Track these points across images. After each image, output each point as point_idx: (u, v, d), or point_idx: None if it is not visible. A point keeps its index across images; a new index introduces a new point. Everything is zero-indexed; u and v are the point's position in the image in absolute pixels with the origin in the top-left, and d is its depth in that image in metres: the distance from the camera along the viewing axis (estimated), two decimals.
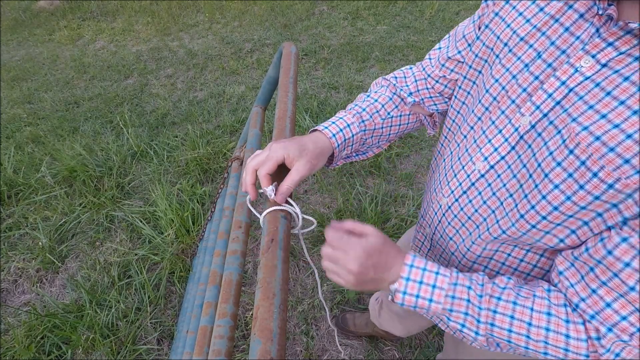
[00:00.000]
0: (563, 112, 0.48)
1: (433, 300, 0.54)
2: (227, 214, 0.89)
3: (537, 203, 0.51)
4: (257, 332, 0.40)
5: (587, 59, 0.46)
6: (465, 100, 0.67)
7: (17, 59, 4.39)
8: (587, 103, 0.46)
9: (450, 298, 0.53)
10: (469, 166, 0.61)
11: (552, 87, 0.49)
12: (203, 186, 2.19)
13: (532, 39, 0.52)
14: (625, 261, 0.44)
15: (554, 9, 0.51)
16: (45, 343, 1.50)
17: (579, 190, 0.46)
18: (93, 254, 1.87)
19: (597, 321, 0.48)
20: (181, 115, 2.92)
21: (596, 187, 0.45)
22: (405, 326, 1.20)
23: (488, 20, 0.60)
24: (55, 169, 2.31)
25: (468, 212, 0.63)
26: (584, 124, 0.45)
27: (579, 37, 0.48)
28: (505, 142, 0.55)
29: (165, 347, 1.52)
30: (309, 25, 4.25)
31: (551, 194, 0.49)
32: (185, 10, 5.07)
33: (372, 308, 1.36)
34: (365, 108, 0.71)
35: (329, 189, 2.13)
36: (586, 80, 0.46)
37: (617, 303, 0.46)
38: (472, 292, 0.53)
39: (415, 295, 0.54)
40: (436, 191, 0.70)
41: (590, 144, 0.44)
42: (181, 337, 1.10)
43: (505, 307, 0.52)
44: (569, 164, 0.47)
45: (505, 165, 0.56)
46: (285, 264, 0.49)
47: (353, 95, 2.94)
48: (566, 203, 0.48)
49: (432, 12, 4.32)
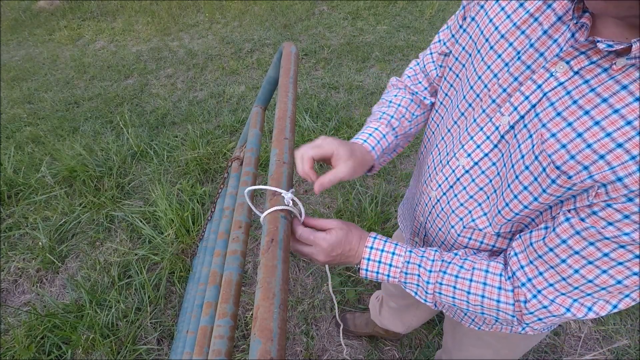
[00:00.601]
0: (535, 117, 0.50)
1: (390, 276, 0.64)
2: (227, 214, 0.89)
3: (510, 201, 0.56)
4: (257, 332, 0.40)
5: (562, 65, 0.47)
6: (448, 93, 0.68)
7: (17, 59, 4.39)
8: (556, 110, 0.48)
9: (404, 274, 0.63)
10: (453, 162, 0.64)
11: (529, 89, 0.51)
12: (203, 186, 2.19)
13: (512, 37, 0.53)
14: (562, 238, 0.49)
15: (533, 6, 0.51)
16: (45, 343, 1.50)
17: (542, 193, 0.51)
18: (93, 254, 1.87)
19: (526, 288, 0.55)
20: (181, 115, 2.92)
21: (556, 190, 0.49)
22: (404, 321, 1.21)
23: (474, 12, 0.60)
24: (55, 169, 2.31)
25: (453, 206, 0.66)
26: (552, 130, 0.48)
27: (556, 40, 0.49)
28: (487, 139, 0.58)
29: (165, 347, 1.52)
30: (309, 25, 4.25)
31: (521, 194, 0.54)
32: (185, 10, 5.07)
33: (372, 306, 1.36)
34: (393, 115, 0.75)
35: (329, 188, 2.13)
36: (559, 87, 0.48)
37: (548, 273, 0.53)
38: (422, 268, 0.62)
39: (375, 272, 0.64)
40: (426, 183, 0.73)
41: (556, 151, 0.47)
42: (181, 337, 1.10)
43: (449, 280, 0.60)
44: (534, 169, 0.50)
45: (489, 162, 0.59)
46: (285, 264, 0.49)
47: (353, 95, 2.94)
48: (534, 203, 0.53)
49: (432, 12, 4.32)
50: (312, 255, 0.63)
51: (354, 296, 1.63)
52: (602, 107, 0.44)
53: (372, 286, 1.66)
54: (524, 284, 0.55)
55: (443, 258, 0.62)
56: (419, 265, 0.62)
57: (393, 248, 0.64)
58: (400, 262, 0.63)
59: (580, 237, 0.48)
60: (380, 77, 3.17)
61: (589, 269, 0.48)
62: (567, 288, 0.52)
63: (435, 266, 0.61)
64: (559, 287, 0.52)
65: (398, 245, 0.64)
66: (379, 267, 0.64)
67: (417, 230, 0.82)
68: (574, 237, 0.48)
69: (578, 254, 0.48)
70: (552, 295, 0.53)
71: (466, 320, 0.80)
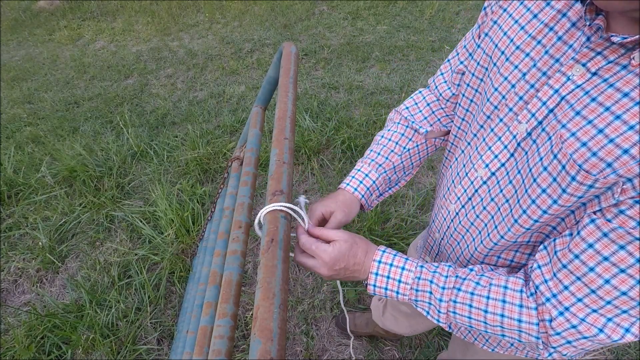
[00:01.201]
0: (554, 120, 0.49)
1: (399, 292, 0.61)
2: (227, 214, 0.89)
3: (527, 207, 0.53)
4: (257, 332, 0.40)
5: (578, 68, 0.47)
6: (469, 108, 0.68)
7: (17, 59, 4.39)
8: (575, 109, 0.47)
9: (415, 291, 0.60)
10: (471, 173, 0.63)
11: (546, 95, 0.51)
12: (203, 186, 2.19)
13: (528, 47, 0.53)
14: (589, 242, 0.46)
15: (548, 16, 0.51)
16: (45, 343, 1.50)
17: (562, 194, 0.48)
18: (93, 254, 1.87)
19: (551, 304, 0.50)
20: (181, 115, 2.92)
21: (577, 189, 0.46)
22: (411, 325, 1.20)
23: (487, 28, 0.61)
24: (55, 169, 2.31)
25: (471, 219, 0.64)
26: (572, 130, 0.46)
27: (572, 46, 0.49)
28: (505, 149, 0.57)
29: (165, 347, 1.52)
30: (309, 25, 4.25)
31: (539, 198, 0.51)
32: (185, 10, 5.07)
33: (374, 307, 1.36)
34: (379, 152, 0.76)
35: (329, 189, 2.13)
36: (577, 89, 0.47)
37: (575, 285, 0.48)
38: (434, 285, 0.58)
39: (384, 287, 0.61)
40: (445, 197, 0.72)
41: (576, 149, 0.45)
42: (181, 337, 1.09)
43: (464, 297, 0.56)
44: (553, 169, 0.48)
45: (504, 172, 0.58)
46: (285, 264, 0.49)
47: (353, 95, 2.94)
48: (553, 206, 0.49)
49: (432, 12, 4.32)
50: (314, 269, 0.61)
51: (354, 296, 1.63)
52: (624, 102, 0.42)
53: None
54: (549, 299, 0.50)
55: (457, 274, 0.59)
56: (431, 282, 0.59)
57: (403, 263, 0.61)
58: (410, 278, 0.60)
59: (609, 240, 0.44)
60: (380, 77, 3.17)
61: (621, 278, 0.44)
62: (598, 303, 0.47)
63: (449, 282, 0.58)
64: (588, 301, 0.47)
65: (408, 260, 0.61)
66: (387, 283, 0.61)
67: (429, 247, 0.81)
68: (602, 240, 0.44)
69: (607, 260, 0.44)
70: (582, 313, 0.48)
71: (480, 340, 0.76)
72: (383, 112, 2.64)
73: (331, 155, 2.35)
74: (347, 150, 2.33)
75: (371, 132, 2.45)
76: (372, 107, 2.75)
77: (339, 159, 2.30)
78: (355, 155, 2.31)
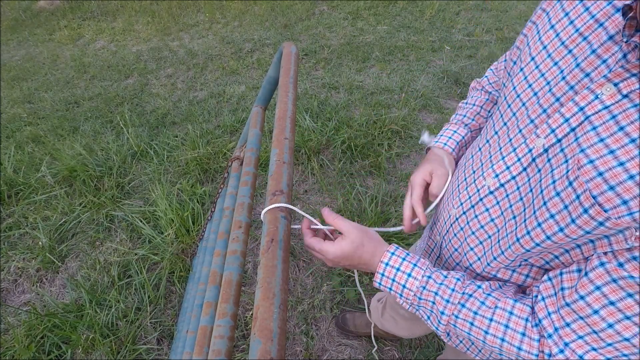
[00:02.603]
0: (574, 141, 0.46)
1: (402, 296, 0.61)
2: (227, 214, 0.89)
3: (532, 229, 0.51)
4: (257, 332, 0.40)
5: (609, 87, 0.43)
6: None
7: (17, 58, 4.39)
8: (599, 135, 0.43)
9: (417, 298, 0.60)
10: (479, 181, 0.61)
11: (570, 111, 0.47)
12: (203, 186, 2.19)
13: (558, 56, 0.50)
14: (596, 284, 0.44)
15: (584, 24, 0.48)
16: (45, 343, 1.50)
17: (570, 224, 0.46)
18: (93, 254, 1.87)
19: (552, 340, 0.49)
20: (181, 115, 2.92)
21: (586, 223, 0.44)
22: (410, 328, 1.20)
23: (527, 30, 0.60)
24: (55, 169, 2.31)
25: (473, 227, 0.63)
26: (591, 157, 0.43)
27: (606, 61, 0.45)
28: (518, 162, 0.55)
29: (165, 347, 1.52)
30: (309, 25, 4.25)
31: (546, 222, 0.49)
32: (185, 10, 5.07)
33: (373, 308, 1.36)
34: (465, 114, 0.81)
35: (329, 189, 2.13)
36: (604, 110, 0.44)
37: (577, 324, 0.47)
38: (439, 297, 0.58)
39: (388, 288, 0.61)
40: (448, 200, 0.70)
41: (591, 178, 0.43)
42: (181, 337, 1.09)
43: (467, 315, 0.56)
44: (566, 196, 0.46)
45: (514, 186, 0.55)
46: (285, 264, 0.49)
47: (353, 95, 2.94)
48: (558, 234, 0.48)
49: (432, 12, 4.32)
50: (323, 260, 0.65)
51: (354, 296, 1.63)
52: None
53: (372, 287, 1.66)
54: (551, 335, 0.50)
55: (464, 290, 0.58)
56: (436, 293, 0.58)
57: (410, 269, 0.60)
58: (415, 287, 0.60)
59: (617, 286, 0.42)
60: (380, 77, 3.17)
61: (625, 324, 0.43)
62: (599, 343, 0.46)
63: (454, 297, 0.57)
64: (589, 339, 0.47)
65: (416, 267, 0.60)
66: (392, 285, 0.61)
67: (430, 249, 0.81)
68: (610, 285, 0.43)
69: (613, 305, 0.43)
70: (581, 350, 0.47)
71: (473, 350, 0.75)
72: (383, 112, 2.64)
73: (331, 155, 2.35)
74: (347, 150, 2.33)
75: (371, 132, 2.45)
76: (372, 107, 2.75)
77: (339, 159, 2.30)
78: (355, 155, 2.31)
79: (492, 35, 3.80)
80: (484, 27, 3.94)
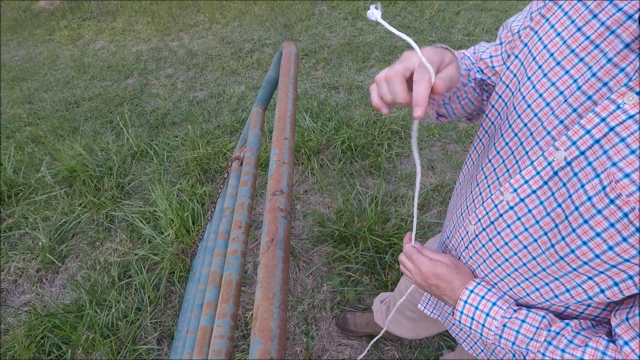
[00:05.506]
0: (603, 154, 0.44)
1: (483, 335, 0.60)
2: (227, 214, 0.89)
3: (577, 248, 0.48)
4: (257, 332, 0.40)
5: (631, 96, 0.42)
6: (494, 121, 0.64)
7: (17, 59, 4.39)
8: (630, 147, 0.42)
9: (499, 337, 0.58)
10: (496, 195, 0.59)
11: (591, 123, 0.45)
12: (203, 186, 2.19)
13: (569, 64, 0.48)
14: None
15: (594, 32, 0.46)
16: (45, 343, 1.50)
17: (621, 242, 0.43)
18: (93, 254, 1.87)
19: None
20: (181, 115, 2.92)
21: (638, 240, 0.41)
22: (415, 329, 1.18)
23: (527, 38, 0.56)
24: (55, 169, 2.31)
25: (497, 244, 0.61)
26: (626, 170, 0.41)
27: (624, 69, 0.44)
28: (537, 175, 0.52)
29: (165, 347, 1.52)
30: (309, 25, 4.25)
31: (592, 241, 0.46)
32: (185, 10, 5.07)
33: (376, 309, 1.35)
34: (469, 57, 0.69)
35: (329, 189, 2.13)
36: (629, 120, 0.42)
37: None
38: (521, 335, 0.56)
39: (468, 326, 0.61)
40: (463, 215, 0.68)
41: (631, 193, 0.41)
42: (181, 337, 1.09)
43: (554, 352, 0.53)
44: (610, 214, 0.43)
45: (537, 201, 0.53)
46: (285, 264, 0.49)
47: (353, 95, 2.94)
48: (608, 253, 0.45)
49: (432, 12, 4.32)
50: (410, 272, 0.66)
51: (354, 296, 1.63)
52: None
53: (372, 286, 1.66)
54: None
55: (550, 327, 0.55)
56: (517, 332, 0.57)
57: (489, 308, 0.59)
58: (494, 326, 0.59)
59: None
60: None
61: None
62: None
63: (539, 335, 0.55)
64: None
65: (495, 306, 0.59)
66: (471, 324, 0.61)
67: None
68: None
69: None
70: None
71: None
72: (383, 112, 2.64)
73: (331, 155, 2.35)
74: (347, 150, 2.33)
75: (371, 132, 2.45)
76: (372, 107, 2.76)
77: (339, 159, 2.30)
78: (355, 155, 2.31)
79: (492, 35, 3.80)
80: (483, 27, 3.94)
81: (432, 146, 2.42)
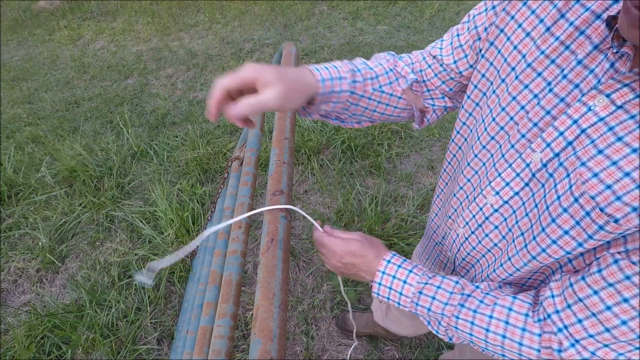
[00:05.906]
0: (573, 155, 0.45)
1: (400, 304, 0.61)
2: (227, 214, 0.89)
3: (547, 247, 0.50)
4: (257, 332, 0.40)
5: (601, 98, 0.43)
6: (467, 122, 0.64)
7: (17, 59, 4.39)
8: (597, 147, 0.43)
9: (414, 304, 0.60)
10: (480, 199, 0.60)
11: (564, 125, 0.46)
12: (203, 186, 2.19)
13: (540, 66, 0.48)
14: (609, 282, 0.44)
15: (563, 32, 0.46)
16: (45, 343, 1.50)
17: (588, 239, 0.45)
18: (93, 254, 1.87)
19: (562, 335, 0.49)
20: (181, 115, 2.92)
21: (604, 236, 0.43)
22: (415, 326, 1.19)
23: (493, 36, 0.55)
24: (55, 169, 2.31)
25: (487, 246, 0.62)
26: (594, 169, 0.43)
27: (593, 71, 0.44)
28: (517, 177, 0.53)
29: (165, 347, 1.52)
30: (309, 25, 4.25)
31: (561, 239, 0.48)
32: (185, 10, 5.07)
33: (376, 309, 1.35)
34: (360, 70, 0.62)
35: (329, 189, 2.13)
36: (599, 122, 0.43)
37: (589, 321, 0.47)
38: (436, 301, 0.58)
39: (386, 297, 0.62)
40: (452, 218, 0.69)
41: (600, 192, 0.42)
42: (181, 337, 1.09)
43: (466, 314, 0.57)
44: (574, 212, 0.45)
45: (519, 202, 0.54)
46: (285, 264, 0.49)
47: None
48: (578, 249, 0.47)
49: (432, 12, 4.32)
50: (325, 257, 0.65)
51: (354, 296, 1.63)
52: None
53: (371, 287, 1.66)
54: (561, 329, 0.49)
55: (463, 291, 0.58)
56: (433, 297, 0.59)
57: (405, 276, 0.60)
58: (411, 292, 0.60)
59: (631, 283, 0.42)
60: None
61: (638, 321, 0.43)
62: (611, 340, 0.46)
63: (453, 299, 0.58)
64: (600, 339, 0.46)
65: (411, 273, 0.61)
66: (389, 294, 0.62)
67: (443, 264, 0.80)
68: (624, 282, 0.42)
69: (627, 302, 0.43)
70: (592, 347, 0.47)
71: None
72: None
73: (331, 155, 2.35)
74: (347, 150, 2.33)
75: (371, 132, 2.45)
76: None
77: (339, 159, 2.30)
78: (355, 155, 2.31)
79: None
80: None
81: (432, 146, 2.42)
